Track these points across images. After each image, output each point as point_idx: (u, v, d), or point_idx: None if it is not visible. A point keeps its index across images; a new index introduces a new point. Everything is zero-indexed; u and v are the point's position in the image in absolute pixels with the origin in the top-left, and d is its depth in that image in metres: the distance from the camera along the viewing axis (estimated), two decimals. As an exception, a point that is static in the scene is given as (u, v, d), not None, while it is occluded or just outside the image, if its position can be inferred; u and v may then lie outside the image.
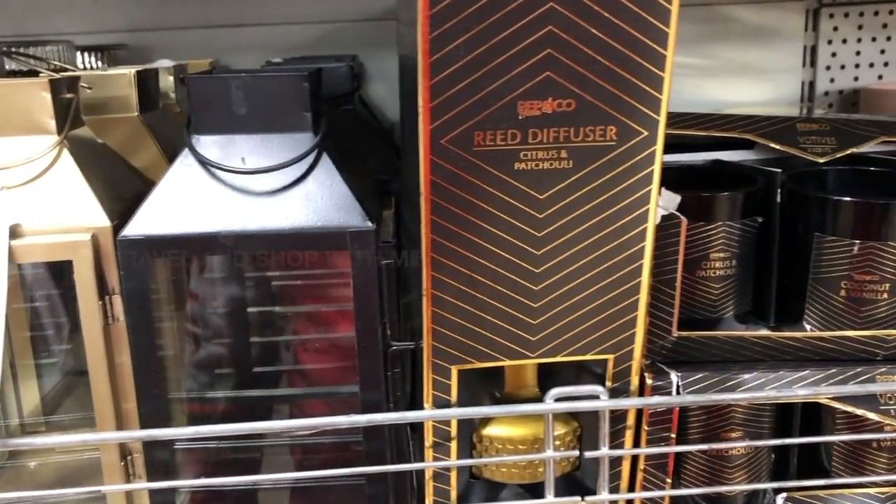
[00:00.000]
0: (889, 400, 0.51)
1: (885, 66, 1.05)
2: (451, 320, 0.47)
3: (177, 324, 0.56)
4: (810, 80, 1.06)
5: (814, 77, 1.05)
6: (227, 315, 0.60)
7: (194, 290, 0.57)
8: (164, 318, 0.53)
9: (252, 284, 0.60)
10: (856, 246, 0.51)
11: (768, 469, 0.55)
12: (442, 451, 0.51)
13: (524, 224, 0.45)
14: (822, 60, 1.04)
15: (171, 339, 0.55)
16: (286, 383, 0.59)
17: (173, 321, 0.55)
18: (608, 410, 0.50)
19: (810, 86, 1.06)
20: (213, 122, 0.49)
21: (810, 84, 1.06)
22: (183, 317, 0.56)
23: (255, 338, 0.60)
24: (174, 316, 0.55)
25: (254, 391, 0.59)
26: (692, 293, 0.54)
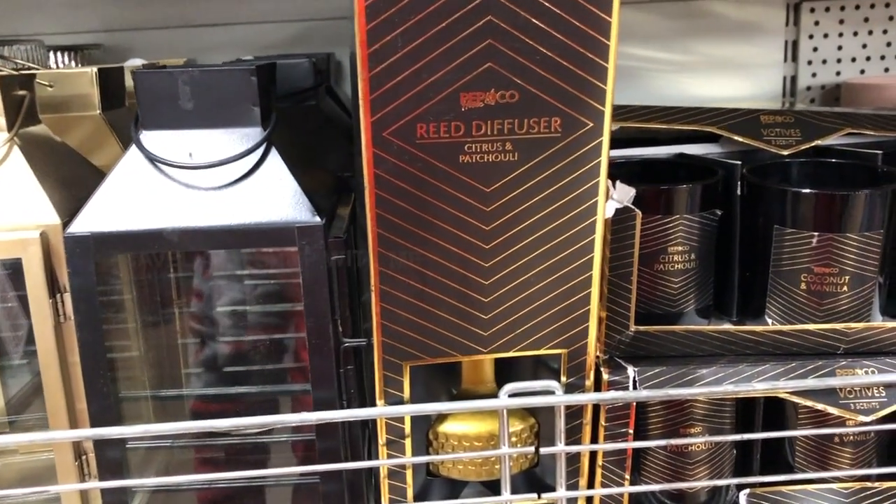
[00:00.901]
0: (849, 394, 0.51)
1: (866, 61, 1.04)
2: (400, 316, 0.47)
3: (129, 320, 0.55)
4: (792, 74, 1.05)
5: (795, 72, 1.05)
6: (178, 312, 0.59)
7: (145, 286, 0.57)
8: (115, 315, 0.52)
9: (203, 281, 0.59)
10: (815, 238, 0.51)
11: (731, 465, 0.54)
12: (396, 449, 0.50)
13: (472, 218, 0.45)
14: (803, 55, 1.04)
15: (122, 337, 0.54)
16: (240, 382, 0.59)
17: (125, 318, 0.55)
18: (563, 406, 0.49)
19: (792, 80, 1.05)
20: (161, 117, 0.48)
21: (792, 79, 1.05)
22: (134, 313, 0.56)
23: (207, 335, 0.60)
24: (126, 313, 0.55)
25: (204, 389, 0.59)
26: (652, 287, 0.54)
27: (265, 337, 0.59)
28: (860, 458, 0.54)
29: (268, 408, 0.58)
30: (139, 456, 0.55)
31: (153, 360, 0.58)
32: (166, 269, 0.58)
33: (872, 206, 0.50)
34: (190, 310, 0.59)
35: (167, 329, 0.59)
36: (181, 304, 0.61)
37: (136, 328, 0.57)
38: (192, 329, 0.60)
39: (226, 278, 0.59)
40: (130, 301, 0.57)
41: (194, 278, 0.59)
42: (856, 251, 0.50)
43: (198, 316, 0.60)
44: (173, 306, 0.59)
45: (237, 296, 0.59)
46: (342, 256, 0.47)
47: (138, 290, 0.56)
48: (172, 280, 0.59)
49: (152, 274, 0.58)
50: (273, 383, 0.58)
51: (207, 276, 0.59)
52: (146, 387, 0.58)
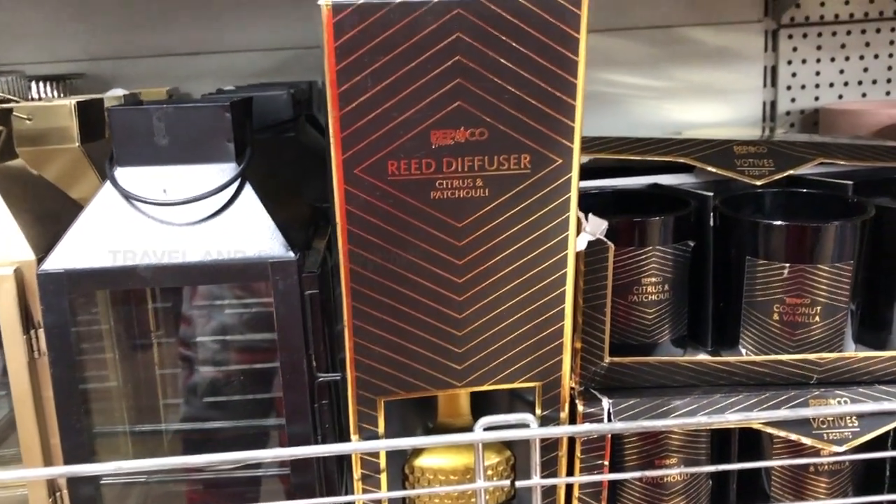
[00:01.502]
0: (822, 424, 0.51)
1: (844, 86, 1.06)
2: (374, 351, 0.47)
3: (105, 355, 0.55)
4: (771, 100, 1.06)
5: (775, 97, 1.06)
6: (156, 347, 0.59)
7: (122, 321, 0.57)
8: (90, 349, 0.52)
9: (181, 316, 0.59)
10: (786, 269, 0.51)
11: (707, 496, 0.54)
12: (372, 484, 0.50)
13: (444, 252, 0.45)
14: (782, 80, 1.05)
15: (98, 371, 0.54)
16: (217, 417, 0.59)
17: (101, 353, 0.55)
18: (539, 439, 0.49)
19: (772, 105, 1.07)
20: (135, 153, 0.48)
21: (772, 104, 1.07)
22: (111, 348, 0.56)
23: (185, 370, 0.60)
24: (102, 347, 0.55)
25: (181, 424, 0.58)
26: (627, 318, 0.54)
27: (242, 372, 0.59)
28: (836, 487, 0.54)
29: (245, 442, 0.57)
30: (115, 491, 0.54)
31: (130, 394, 0.57)
32: (144, 304, 0.58)
33: (843, 238, 0.50)
34: (168, 345, 0.59)
35: (144, 363, 0.59)
36: (159, 338, 0.61)
37: (112, 363, 0.57)
38: (169, 364, 0.60)
39: (202, 313, 0.59)
40: (107, 335, 0.57)
41: (172, 313, 0.59)
42: (827, 282, 0.51)
43: (176, 351, 0.60)
44: (151, 341, 0.59)
45: (214, 331, 0.59)
46: (316, 291, 0.47)
47: (115, 324, 0.56)
48: (150, 314, 0.59)
49: (130, 308, 0.58)
50: (250, 418, 0.58)
51: (185, 311, 0.59)
52: (123, 421, 0.58)
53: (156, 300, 0.58)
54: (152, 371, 0.59)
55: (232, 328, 0.59)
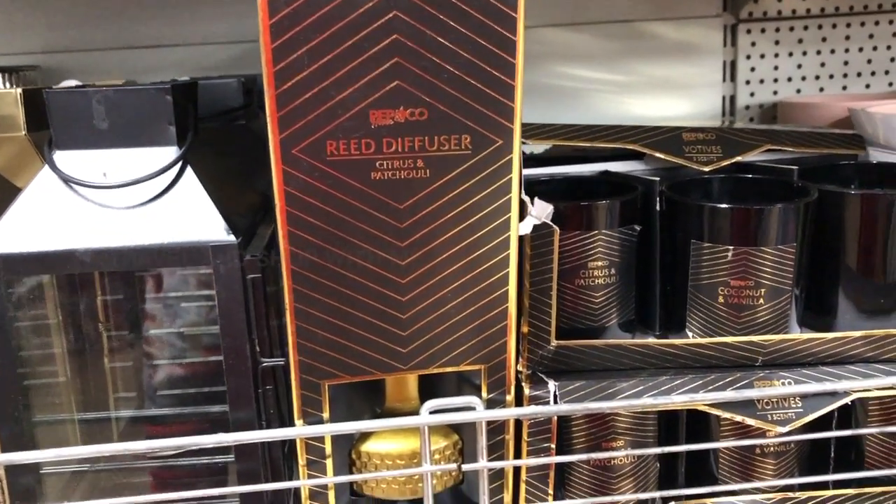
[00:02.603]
0: (767, 405, 0.52)
1: (802, 80, 1.07)
2: (317, 334, 0.46)
3: (49, 342, 0.54)
4: (731, 94, 1.07)
5: (734, 91, 1.07)
6: (101, 335, 0.58)
7: (67, 307, 0.56)
8: (32, 336, 0.52)
9: (121, 301, 0.58)
10: (730, 252, 0.52)
11: (655, 478, 0.55)
12: (318, 470, 0.50)
13: (385, 234, 0.45)
14: (741, 75, 1.06)
15: (42, 359, 0.53)
16: (162, 404, 0.58)
17: (44, 339, 0.54)
18: (485, 422, 0.49)
19: (731, 100, 1.08)
20: (75, 137, 0.48)
21: (731, 98, 1.08)
22: (58, 335, 0.55)
23: (130, 356, 0.59)
24: (45, 334, 0.54)
25: (126, 412, 0.58)
26: (575, 303, 0.54)
27: (188, 359, 0.58)
28: (782, 469, 0.54)
29: (189, 430, 0.57)
30: (60, 482, 0.53)
31: (75, 382, 0.57)
32: (88, 290, 0.58)
33: (786, 220, 0.51)
34: (115, 332, 0.58)
35: (89, 351, 0.58)
36: (105, 326, 0.60)
37: (58, 349, 0.56)
38: (116, 351, 0.59)
39: (148, 298, 0.58)
40: (53, 322, 0.56)
41: (118, 298, 0.58)
42: (771, 264, 0.51)
43: (122, 338, 0.59)
44: (96, 328, 0.58)
45: (159, 316, 0.58)
46: (258, 276, 0.47)
47: (58, 310, 0.55)
48: (95, 300, 0.58)
49: (73, 294, 0.57)
50: (197, 405, 0.57)
51: (131, 296, 0.58)
52: (68, 410, 0.57)
53: (103, 287, 0.58)
54: (98, 359, 0.58)
55: (179, 316, 0.59)
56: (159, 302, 0.59)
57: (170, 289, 0.58)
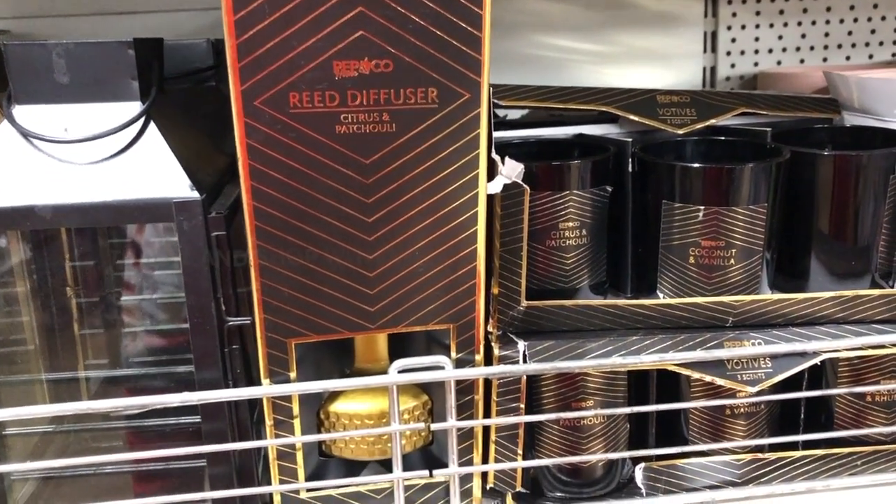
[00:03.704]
0: (736, 365, 0.52)
1: (783, 52, 1.07)
2: (282, 292, 0.46)
3: (14, 302, 0.54)
4: (712, 65, 1.07)
5: (715, 62, 1.06)
6: (66, 296, 0.58)
7: (33, 266, 0.55)
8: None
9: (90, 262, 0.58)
10: (701, 212, 0.51)
11: (626, 440, 0.55)
12: (285, 430, 0.49)
13: (351, 190, 0.44)
14: (722, 46, 1.05)
15: (6, 319, 0.53)
16: (129, 365, 0.58)
17: (9, 299, 0.53)
18: (454, 381, 0.49)
19: (712, 71, 1.07)
20: (34, 91, 0.47)
21: (712, 69, 1.07)
22: (24, 294, 0.54)
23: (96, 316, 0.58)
24: (9, 297, 0.53)
25: (90, 373, 0.57)
26: (546, 264, 0.54)
27: (153, 318, 0.58)
28: (752, 430, 0.54)
29: (158, 392, 0.56)
30: (28, 445, 0.53)
31: (41, 343, 0.56)
32: (56, 248, 0.57)
33: (757, 180, 0.51)
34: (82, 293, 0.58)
35: (58, 310, 0.57)
36: (72, 288, 0.59)
37: (24, 309, 0.55)
38: (83, 312, 0.58)
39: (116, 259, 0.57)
40: (19, 282, 0.55)
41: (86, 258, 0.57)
42: (742, 224, 0.51)
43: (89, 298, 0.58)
44: (63, 289, 0.58)
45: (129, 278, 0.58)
46: (223, 233, 0.46)
47: (22, 268, 0.55)
48: (63, 259, 0.57)
49: (40, 253, 0.56)
50: (165, 367, 0.57)
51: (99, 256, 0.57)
52: (38, 371, 0.56)
53: (70, 245, 0.57)
54: (66, 321, 0.57)
55: (151, 278, 0.58)
56: (130, 263, 0.58)
57: (140, 250, 0.58)
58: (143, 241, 0.58)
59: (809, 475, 0.55)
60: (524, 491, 0.54)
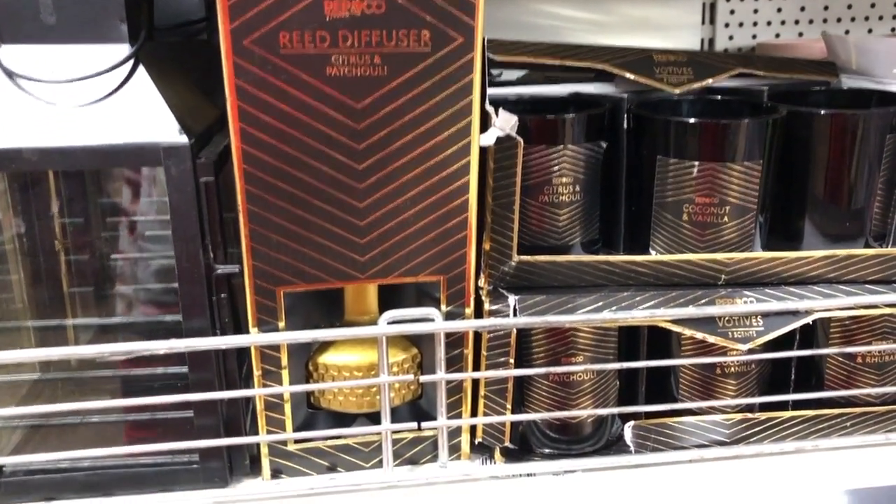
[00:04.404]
0: (728, 323, 0.51)
1: (781, 25, 1.06)
2: (271, 239, 0.45)
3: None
4: (710, 37, 1.06)
5: (713, 34, 1.05)
6: (48, 238, 0.57)
7: (19, 208, 0.54)
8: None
9: (72, 204, 0.57)
10: (695, 168, 0.51)
11: (615, 397, 0.54)
12: (273, 380, 0.49)
13: (342, 136, 0.44)
14: (720, 17, 1.05)
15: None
16: (114, 313, 0.57)
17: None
18: (443, 334, 0.49)
19: (710, 43, 1.06)
20: (21, 31, 0.46)
21: (710, 41, 1.06)
22: (10, 238, 0.54)
23: (75, 262, 0.58)
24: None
25: (72, 320, 0.57)
26: (539, 220, 0.53)
27: (143, 265, 0.57)
28: (742, 390, 0.54)
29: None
30: (16, 395, 0.53)
31: (28, 288, 0.55)
32: (41, 196, 0.56)
33: (752, 136, 0.50)
34: (71, 236, 0.57)
35: (44, 255, 0.56)
36: (62, 243, 0.58)
37: (9, 253, 0.54)
38: (69, 256, 0.57)
39: (100, 202, 0.57)
40: (6, 229, 0.55)
41: (72, 201, 0.56)
42: (736, 181, 0.51)
43: (75, 243, 0.57)
44: (48, 232, 0.57)
45: (114, 222, 0.57)
46: (211, 179, 0.46)
47: (9, 211, 0.54)
48: (47, 208, 0.56)
49: (26, 195, 0.55)
50: (150, 315, 0.56)
51: (85, 199, 0.56)
52: (25, 317, 0.55)
53: (58, 189, 0.56)
54: (54, 263, 0.57)
55: (134, 220, 0.57)
56: (121, 212, 0.58)
57: (133, 200, 0.57)
58: (136, 192, 0.57)
59: (799, 436, 0.55)
60: (513, 447, 0.54)
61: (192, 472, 0.50)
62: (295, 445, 0.51)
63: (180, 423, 0.52)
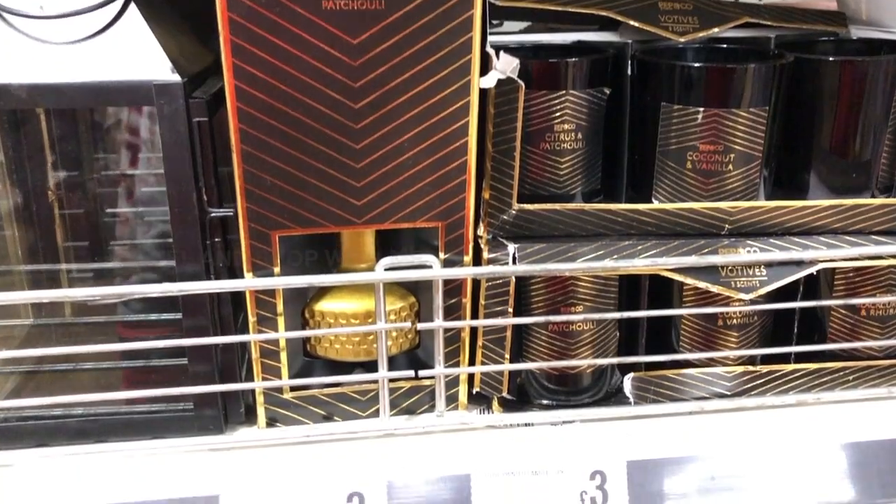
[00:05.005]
0: (731, 272, 0.50)
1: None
2: (266, 180, 0.45)
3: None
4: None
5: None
6: (37, 179, 0.56)
7: (9, 150, 0.53)
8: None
9: (60, 145, 0.56)
10: (700, 114, 0.50)
11: (615, 347, 0.54)
12: (269, 326, 0.48)
13: (338, 72, 0.43)
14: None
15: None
16: (107, 258, 0.56)
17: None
18: (441, 281, 0.48)
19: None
20: (9, -34, 0.45)
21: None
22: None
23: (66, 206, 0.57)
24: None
25: (67, 265, 0.56)
26: (540, 168, 0.52)
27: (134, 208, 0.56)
28: (744, 342, 0.54)
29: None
30: (10, 344, 0.52)
31: (20, 233, 0.54)
32: (32, 137, 0.55)
33: (758, 81, 0.49)
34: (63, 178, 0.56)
35: (38, 200, 0.55)
36: (54, 192, 0.57)
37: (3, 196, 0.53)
38: (61, 201, 0.56)
39: (92, 143, 0.55)
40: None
41: (61, 141, 0.55)
42: (742, 128, 0.50)
43: (67, 185, 0.56)
44: (41, 174, 0.56)
45: (107, 163, 0.56)
46: (205, 119, 0.45)
47: (4, 152, 0.53)
48: (38, 144, 0.55)
49: (15, 134, 0.54)
50: (143, 260, 0.56)
51: (74, 139, 0.55)
52: (17, 262, 0.55)
53: (49, 127, 0.55)
54: (44, 209, 0.56)
55: (128, 162, 0.56)
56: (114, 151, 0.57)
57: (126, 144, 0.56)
58: (129, 134, 0.56)
59: (801, 389, 0.54)
60: (510, 398, 0.53)
61: (187, 419, 0.49)
62: (291, 393, 0.50)
63: (175, 371, 0.52)
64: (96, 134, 0.56)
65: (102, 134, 0.56)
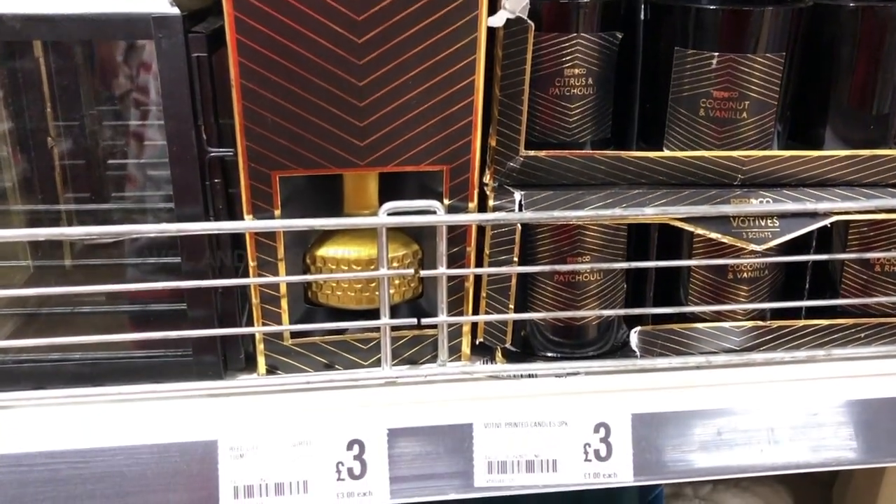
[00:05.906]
0: (742, 223, 0.49)
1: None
2: (266, 118, 0.43)
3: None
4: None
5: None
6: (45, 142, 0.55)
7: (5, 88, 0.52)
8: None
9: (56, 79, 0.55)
10: (715, 59, 0.48)
11: (622, 300, 0.53)
12: (269, 271, 0.47)
13: (340, 5, 0.41)
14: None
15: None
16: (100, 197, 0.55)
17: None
18: (445, 228, 0.47)
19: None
20: None
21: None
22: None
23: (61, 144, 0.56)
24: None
25: (66, 206, 0.55)
26: (549, 114, 0.51)
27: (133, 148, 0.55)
28: (755, 296, 0.52)
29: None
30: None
31: (18, 177, 0.54)
32: (25, 70, 0.54)
33: (775, 25, 0.47)
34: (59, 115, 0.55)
35: (34, 139, 0.54)
36: (53, 139, 0.56)
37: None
38: (57, 140, 0.55)
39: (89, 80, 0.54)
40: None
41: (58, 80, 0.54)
42: (757, 74, 0.48)
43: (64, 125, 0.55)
44: (42, 130, 0.55)
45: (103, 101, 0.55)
46: (204, 54, 0.43)
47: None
48: (38, 80, 0.54)
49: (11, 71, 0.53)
50: (141, 202, 0.55)
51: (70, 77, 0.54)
52: (15, 202, 0.54)
53: (47, 65, 0.54)
54: (41, 150, 0.55)
55: (126, 102, 0.55)
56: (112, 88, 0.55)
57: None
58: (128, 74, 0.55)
59: (812, 346, 0.53)
60: (514, 350, 0.52)
61: (186, 365, 0.49)
62: (291, 341, 0.49)
63: (174, 316, 0.51)
64: (99, 74, 0.55)
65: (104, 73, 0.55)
